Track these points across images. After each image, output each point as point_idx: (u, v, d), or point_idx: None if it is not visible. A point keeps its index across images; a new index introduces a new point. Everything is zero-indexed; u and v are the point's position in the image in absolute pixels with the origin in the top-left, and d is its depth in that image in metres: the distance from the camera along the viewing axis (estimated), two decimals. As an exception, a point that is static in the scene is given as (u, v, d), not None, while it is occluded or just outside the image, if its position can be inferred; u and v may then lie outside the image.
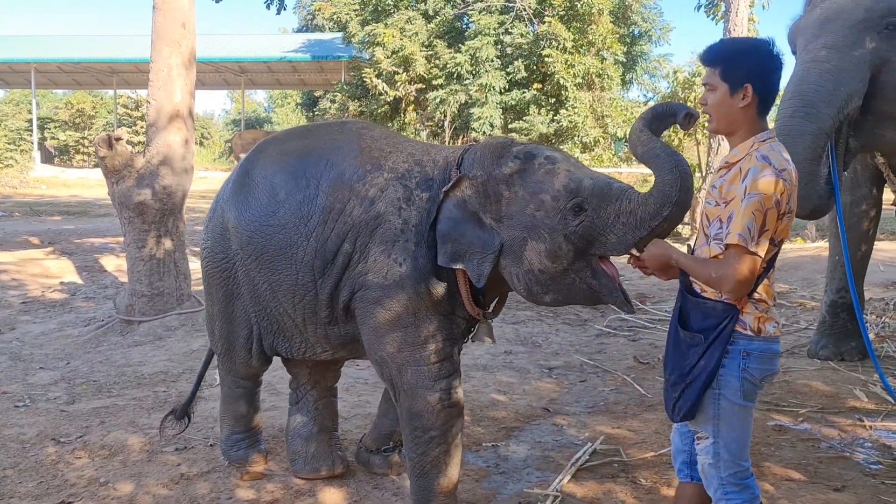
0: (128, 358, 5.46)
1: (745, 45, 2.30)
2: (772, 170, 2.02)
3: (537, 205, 2.43)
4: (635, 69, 20.42)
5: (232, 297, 3.03)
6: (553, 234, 2.39)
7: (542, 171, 2.47)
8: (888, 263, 9.04)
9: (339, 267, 2.69)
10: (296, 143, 3.00)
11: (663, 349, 5.47)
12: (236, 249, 2.92)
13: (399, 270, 2.58)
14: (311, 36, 27.52)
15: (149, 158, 6.11)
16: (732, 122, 2.16)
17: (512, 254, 2.48)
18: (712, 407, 2.18)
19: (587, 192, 2.38)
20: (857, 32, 3.85)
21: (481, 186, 2.53)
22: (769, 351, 2.16)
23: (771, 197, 2.01)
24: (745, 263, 2.02)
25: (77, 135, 31.56)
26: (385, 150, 2.78)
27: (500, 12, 18.16)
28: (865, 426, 3.90)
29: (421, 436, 2.68)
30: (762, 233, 2.02)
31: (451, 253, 2.52)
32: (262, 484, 3.29)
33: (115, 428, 3.94)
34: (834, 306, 5.13)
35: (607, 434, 3.85)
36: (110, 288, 7.72)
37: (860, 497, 3.12)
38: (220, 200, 3.07)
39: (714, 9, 13.96)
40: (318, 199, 2.71)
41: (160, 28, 6.22)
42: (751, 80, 2.10)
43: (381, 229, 2.62)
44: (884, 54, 3.85)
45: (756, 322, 2.13)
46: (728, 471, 2.21)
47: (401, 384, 2.69)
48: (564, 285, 2.46)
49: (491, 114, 17.00)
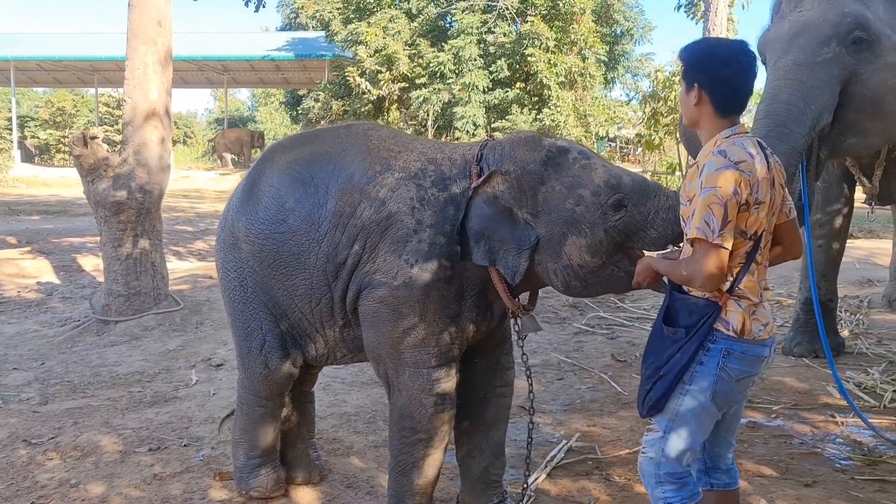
0: (103, 358, 5.42)
1: (703, 46, 2.31)
2: (726, 162, 2.04)
3: (577, 199, 2.42)
4: (617, 68, 20.56)
5: (244, 307, 2.94)
6: (594, 229, 2.39)
7: (578, 166, 2.46)
8: (862, 261, 9.15)
9: (349, 268, 2.65)
10: (302, 149, 2.93)
11: (641, 347, 5.52)
12: (247, 258, 2.86)
13: (409, 271, 2.53)
14: (295, 34, 27.42)
15: (125, 157, 6.07)
16: (692, 118, 2.23)
17: (550, 249, 2.46)
18: (675, 402, 2.18)
19: (628, 189, 2.40)
20: (826, 48, 3.86)
21: (515, 181, 2.50)
22: (752, 353, 2.15)
23: (727, 188, 2.01)
24: (710, 256, 2.02)
25: (58, 133, 31.30)
26: (394, 149, 2.73)
27: (483, 11, 18.20)
28: (837, 422, 3.94)
29: (408, 436, 2.65)
30: (724, 225, 2.01)
31: (486, 250, 2.49)
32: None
33: (88, 429, 3.91)
34: (808, 304, 5.17)
35: (583, 432, 3.86)
36: (88, 288, 7.65)
37: (830, 492, 3.15)
38: (230, 211, 3.00)
39: (694, 9, 14.05)
40: (327, 204, 2.67)
41: (135, 25, 6.16)
42: (698, 80, 2.16)
43: (393, 229, 2.57)
44: (851, 67, 3.86)
45: (741, 322, 2.12)
46: (667, 469, 2.22)
47: (397, 383, 2.66)
48: (603, 277, 2.46)
49: (474, 113, 17.03)
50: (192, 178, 20.83)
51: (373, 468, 3.45)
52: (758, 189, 2.08)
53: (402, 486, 2.72)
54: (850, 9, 3.92)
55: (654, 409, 2.22)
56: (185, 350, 5.59)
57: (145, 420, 4.04)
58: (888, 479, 3.27)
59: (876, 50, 3.89)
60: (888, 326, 6.07)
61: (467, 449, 2.94)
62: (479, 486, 2.91)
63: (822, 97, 3.82)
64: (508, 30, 17.71)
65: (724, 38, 2.27)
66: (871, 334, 5.83)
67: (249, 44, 26.69)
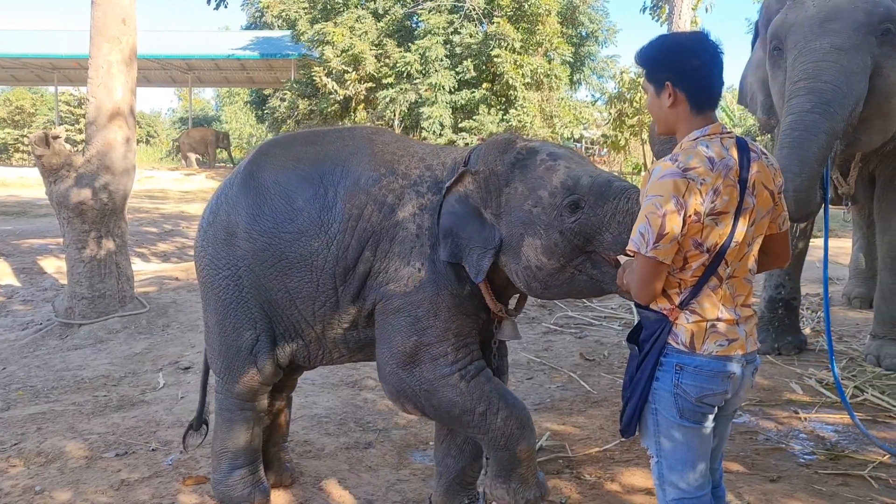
0: (67, 362, 5.32)
1: (664, 42, 2.10)
2: (673, 169, 1.90)
3: (535, 201, 2.41)
4: (583, 70, 20.67)
5: (236, 306, 2.84)
6: (549, 231, 2.38)
7: (543, 168, 2.45)
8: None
9: (361, 274, 2.65)
10: (306, 148, 2.90)
11: (609, 346, 5.58)
12: (244, 255, 2.79)
13: (419, 276, 2.56)
14: (260, 33, 27.13)
15: (88, 157, 5.97)
16: (667, 122, 2.07)
17: (510, 250, 2.47)
18: (651, 422, 2.08)
19: (584, 190, 2.36)
20: (860, 35, 3.81)
21: (483, 182, 2.52)
22: (706, 368, 1.98)
23: (667, 198, 1.88)
24: (641, 268, 1.96)
25: (16, 132, 30.64)
26: (397, 153, 2.75)
27: (450, 12, 18.20)
28: (801, 418, 4.03)
29: (470, 419, 2.58)
30: (660, 237, 1.89)
31: (451, 248, 2.51)
32: (206, 488, 3.23)
33: (52, 434, 3.84)
34: (772, 302, 5.29)
35: (553, 430, 3.89)
36: (50, 290, 7.51)
37: (795, 487, 3.22)
38: (223, 204, 2.90)
39: (659, 11, 14.22)
40: (336, 206, 2.66)
41: (99, 23, 6.07)
42: (668, 77, 2.00)
43: (400, 237, 2.60)
44: (877, 60, 3.85)
45: (689, 336, 1.98)
46: (673, 495, 2.07)
47: (419, 387, 2.60)
48: (564, 280, 2.43)
49: (441, 113, 17.02)
50: (155, 178, 20.46)
51: (344, 470, 3.44)
52: (715, 198, 1.91)
53: (508, 459, 2.62)
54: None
55: (627, 430, 2.12)
56: (151, 353, 5.51)
57: (112, 425, 3.98)
58: (850, 473, 3.34)
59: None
60: (848, 323, 6.21)
61: (447, 448, 2.94)
62: (454, 487, 2.91)
63: (860, 84, 3.78)
64: (475, 31, 17.72)
65: (682, 31, 2.13)
66: (832, 331, 5.94)
67: (214, 42, 26.33)
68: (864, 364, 4.92)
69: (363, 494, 3.18)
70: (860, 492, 3.16)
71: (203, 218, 3.02)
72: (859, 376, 4.68)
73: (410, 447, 3.73)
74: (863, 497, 3.11)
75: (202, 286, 2.99)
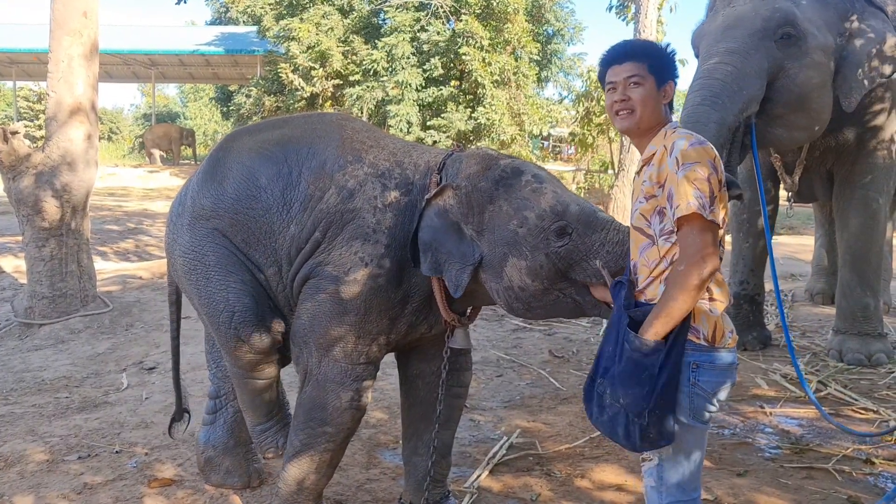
0: (27, 363, 5.20)
1: (662, 46, 2.20)
2: (696, 138, 1.94)
3: (520, 221, 2.39)
4: (550, 67, 20.79)
5: (214, 285, 2.74)
6: (535, 253, 2.35)
7: (529, 189, 2.43)
8: (787, 256, 9.51)
9: (306, 254, 2.63)
10: (273, 132, 2.89)
11: (578, 343, 5.60)
12: (222, 229, 2.74)
13: (361, 269, 2.53)
14: (225, 29, 26.82)
15: (48, 154, 5.83)
16: (655, 115, 2.09)
17: (492, 268, 2.45)
18: None
19: (573, 217, 2.35)
20: (756, 40, 4.08)
21: (465, 197, 2.49)
22: (723, 361, 1.94)
23: (705, 163, 1.88)
24: (703, 235, 1.84)
25: (-28, 129, 29.84)
26: (366, 143, 2.73)
27: (416, 9, 18.13)
28: (766, 413, 4.09)
29: (315, 427, 2.62)
30: (713, 199, 1.86)
31: (432, 262, 2.49)
32: (173, 491, 3.19)
33: (12, 437, 3.74)
34: (736, 298, 5.36)
35: (523, 428, 3.90)
36: (8, 290, 7.32)
37: (761, 480, 3.27)
38: (190, 192, 2.88)
39: (625, 10, 14.32)
40: (300, 185, 2.65)
41: (59, 16, 5.93)
42: (673, 77, 2.12)
43: (353, 224, 2.56)
44: (779, 62, 4.10)
45: (712, 329, 1.92)
46: (670, 499, 2.04)
47: (317, 374, 2.62)
48: (548, 302, 2.41)
49: (408, 111, 16.95)
50: (118, 175, 20.11)
51: (314, 470, 3.40)
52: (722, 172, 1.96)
53: (297, 480, 2.68)
54: (780, 5, 4.15)
55: (654, 444, 1.95)
56: (114, 353, 5.40)
57: (74, 427, 3.89)
58: (815, 466, 3.40)
59: (802, 47, 4.11)
60: (811, 319, 6.33)
61: (415, 446, 2.95)
62: (423, 484, 2.91)
63: (752, 84, 4.01)
64: (442, 28, 17.67)
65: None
66: (795, 327, 6.06)
67: (178, 38, 25.95)
68: (827, 359, 5.02)
69: (332, 494, 3.15)
70: (825, 484, 3.22)
71: (171, 210, 3.01)
72: (822, 371, 4.77)
73: (380, 446, 3.71)
74: (827, 489, 3.17)
75: (180, 279, 2.94)
